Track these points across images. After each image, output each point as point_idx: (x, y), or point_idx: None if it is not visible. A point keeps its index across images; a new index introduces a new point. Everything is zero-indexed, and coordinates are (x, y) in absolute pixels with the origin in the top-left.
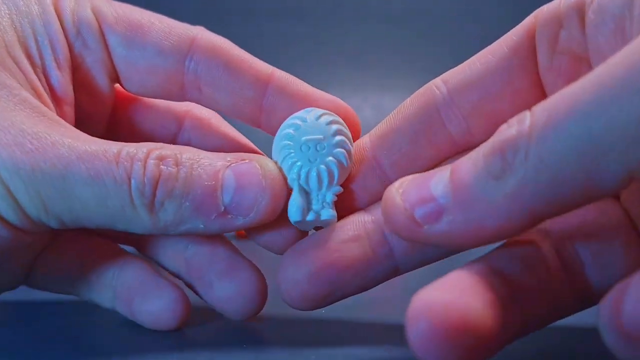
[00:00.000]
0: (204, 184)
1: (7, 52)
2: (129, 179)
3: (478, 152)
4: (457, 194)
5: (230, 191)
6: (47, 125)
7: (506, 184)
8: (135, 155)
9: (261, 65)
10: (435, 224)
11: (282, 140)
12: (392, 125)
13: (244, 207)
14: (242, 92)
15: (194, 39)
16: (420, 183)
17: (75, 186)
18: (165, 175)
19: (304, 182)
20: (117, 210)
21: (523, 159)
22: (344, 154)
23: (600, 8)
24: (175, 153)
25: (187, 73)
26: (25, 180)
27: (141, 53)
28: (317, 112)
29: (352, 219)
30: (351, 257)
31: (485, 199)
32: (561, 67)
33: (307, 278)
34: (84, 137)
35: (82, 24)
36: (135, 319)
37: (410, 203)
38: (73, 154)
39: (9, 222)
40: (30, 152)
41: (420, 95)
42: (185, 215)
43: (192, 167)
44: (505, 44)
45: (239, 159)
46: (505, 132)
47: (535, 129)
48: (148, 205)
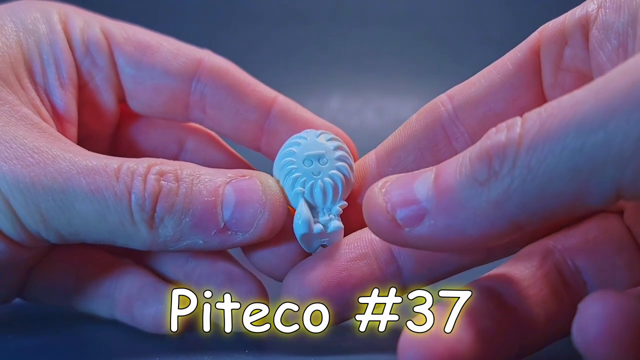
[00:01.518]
0: (204, 199)
1: (12, 69)
2: (129, 194)
3: (464, 155)
4: (440, 198)
5: (230, 207)
6: (48, 140)
7: (491, 192)
8: (136, 170)
9: (265, 89)
10: (417, 227)
11: (284, 157)
12: (398, 141)
13: (243, 223)
14: (245, 115)
15: (201, 61)
16: (403, 184)
17: (75, 200)
18: (165, 191)
19: (309, 195)
20: (117, 226)
21: (511, 167)
22: (346, 167)
23: (605, 25)
24: (175, 169)
25: (193, 94)
26: (25, 194)
27: (149, 73)
28: (316, 131)
29: (358, 235)
30: (358, 276)
31: (468, 205)
32: (565, 84)
33: (313, 297)
34: (85, 153)
35: (91, 43)
36: (136, 324)
37: (392, 204)
38: (74, 168)
39: (7, 236)
40: (30, 165)
41: (426, 112)
42: (185, 231)
43: (193, 183)
44: (510, 61)
45: (239, 175)
46: (493, 137)
47: (526, 137)
48: (148, 221)
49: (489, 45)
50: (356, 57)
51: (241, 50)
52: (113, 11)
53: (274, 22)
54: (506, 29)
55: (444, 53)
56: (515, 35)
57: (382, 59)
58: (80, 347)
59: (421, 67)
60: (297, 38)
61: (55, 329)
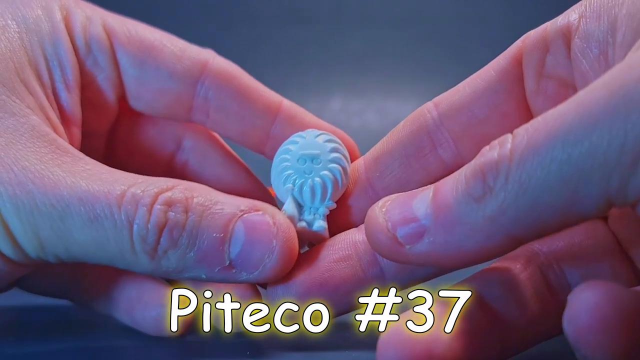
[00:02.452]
0: (212, 235)
1: (17, 74)
2: (131, 225)
3: (461, 173)
4: (439, 215)
5: (238, 245)
6: (52, 159)
7: (486, 207)
8: (141, 199)
9: (270, 94)
10: (417, 245)
11: (280, 155)
12: (385, 148)
13: (250, 264)
14: (251, 120)
15: (206, 63)
16: (403, 203)
17: (73, 228)
18: (172, 224)
19: (298, 193)
20: (116, 254)
21: (504, 182)
22: (339, 170)
23: (586, 34)
24: (186, 197)
25: (197, 97)
26: (24, 220)
27: (153, 75)
28: (317, 132)
29: (342, 237)
30: (341, 277)
31: (465, 221)
32: (548, 91)
33: (296, 298)
34: (89, 172)
35: (93, 42)
36: (137, 327)
37: (392, 223)
38: (74, 195)
39: (6, 257)
40: (30, 192)
41: (413, 119)
42: (189, 264)
43: (202, 215)
44: (493, 68)
45: (252, 208)
46: (487, 154)
47: (516, 152)
48: (149, 252)
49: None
50: (357, 59)
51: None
52: (113, 10)
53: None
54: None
55: (445, 54)
56: (515, 36)
57: (384, 60)
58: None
59: (422, 68)
60: (299, 39)
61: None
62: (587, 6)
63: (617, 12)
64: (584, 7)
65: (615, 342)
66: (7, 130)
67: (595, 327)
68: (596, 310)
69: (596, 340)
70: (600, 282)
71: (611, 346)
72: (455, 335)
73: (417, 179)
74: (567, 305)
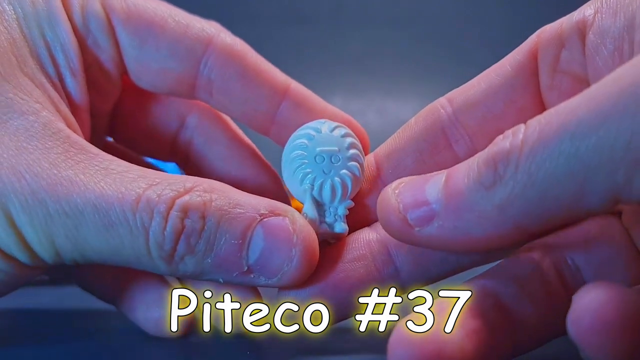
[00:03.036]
0: (230, 242)
1: (20, 68)
2: (147, 231)
3: (474, 161)
4: (449, 200)
5: (256, 251)
6: (65, 159)
7: (495, 195)
8: (157, 204)
9: (278, 76)
10: (426, 228)
11: (295, 150)
12: (398, 144)
13: (269, 270)
14: (256, 104)
15: (210, 41)
16: (415, 186)
17: (88, 235)
18: (188, 231)
19: (317, 193)
20: (132, 259)
21: (513, 172)
22: (357, 167)
23: (601, 29)
24: (204, 201)
25: (200, 77)
26: (38, 229)
27: (154, 55)
28: (331, 124)
29: (356, 236)
30: (356, 278)
31: (475, 208)
32: (562, 87)
33: (310, 299)
34: (104, 172)
35: (91, 21)
36: (139, 325)
37: (404, 205)
38: (88, 203)
39: (22, 263)
40: (43, 201)
41: (426, 115)
42: (206, 269)
43: (220, 221)
44: (509, 63)
45: (273, 210)
46: (499, 143)
47: (527, 143)
48: (166, 258)
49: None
50: (358, 59)
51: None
52: None
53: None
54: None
55: (445, 54)
56: (515, 36)
57: (384, 60)
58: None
59: (422, 68)
60: (299, 39)
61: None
62: (604, 2)
63: (636, 9)
64: (600, 2)
65: (617, 345)
66: (17, 132)
67: (598, 329)
68: (599, 313)
69: (599, 343)
70: (605, 284)
71: (614, 348)
72: (466, 335)
73: None
74: (571, 306)
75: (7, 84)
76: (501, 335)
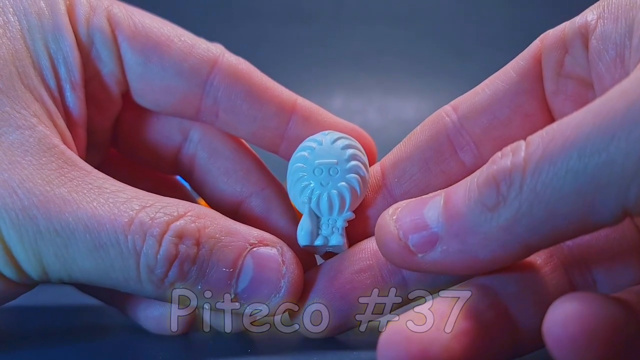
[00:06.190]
0: (221, 270)
1: (21, 80)
2: (138, 254)
3: (472, 180)
4: (451, 223)
5: (245, 281)
6: (58, 176)
7: (500, 216)
8: (150, 228)
9: (284, 93)
10: (429, 253)
11: (295, 162)
12: (403, 153)
13: (255, 299)
14: (264, 122)
15: (215, 61)
16: (414, 209)
17: (77, 256)
18: (182, 257)
19: (315, 206)
20: (120, 282)
21: (518, 191)
22: (357, 179)
23: (603, 35)
24: (198, 227)
25: (205, 97)
26: (27, 246)
27: (158, 73)
28: (334, 135)
29: (362, 246)
30: (363, 289)
31: (479, 230)
32: (567, 91)
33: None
34: (97, 191)
35: (96, 35)
36: (140, 324)
37: (404, 231)
38: (79, 222)
39: (8, 279)
40: (34, 218)
41: (431, 123)
42: (195, 294)
43: (213, 250)
44: (513, 69)
45: (262, 241)
46: (499, 161)
47: (531, 161)
48: (156, 282)
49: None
50: (358, 57)
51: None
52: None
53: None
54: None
55: (446, 52)
56: (516, 35)
57: (384, 58)
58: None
59: (423, 66)
60: (300, 37)
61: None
62: (605, 7)
63: (635, 15)
64: (602, 7)
65: (587, 357)
66: (11, 147)
67: (566, 342)
68: (571, 324)
69: (568, 355)
70: (584, 294)
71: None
72: (454, 335)
73: (437, 184)
74: (547, 313)
75: (5, 98)
76: (497, 335)
